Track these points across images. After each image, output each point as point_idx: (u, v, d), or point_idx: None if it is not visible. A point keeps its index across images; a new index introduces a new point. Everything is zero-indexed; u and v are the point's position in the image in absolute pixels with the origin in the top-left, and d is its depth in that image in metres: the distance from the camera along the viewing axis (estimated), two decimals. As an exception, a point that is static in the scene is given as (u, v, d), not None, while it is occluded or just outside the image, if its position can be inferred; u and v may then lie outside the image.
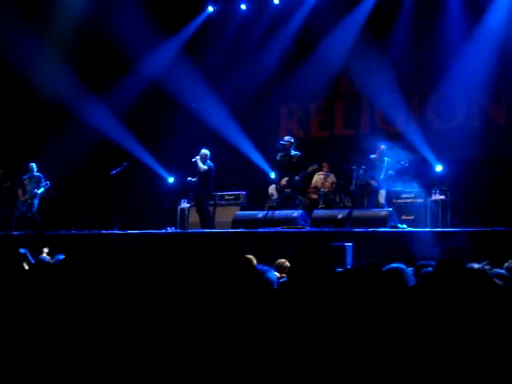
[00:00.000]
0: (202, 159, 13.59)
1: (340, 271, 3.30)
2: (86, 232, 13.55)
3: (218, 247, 1.23)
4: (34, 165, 14.90)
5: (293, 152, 13.13)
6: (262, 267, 5.19)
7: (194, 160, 13.53)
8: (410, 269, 4.50)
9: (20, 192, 14.67)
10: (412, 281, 4.17)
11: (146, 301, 1.17)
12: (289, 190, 13.02)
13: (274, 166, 13.71)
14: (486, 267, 4.29)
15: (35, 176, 14.74)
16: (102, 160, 16.16)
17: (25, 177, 14.82)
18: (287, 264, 7.34)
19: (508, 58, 13.64)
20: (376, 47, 15.38)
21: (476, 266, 4.15)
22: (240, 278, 1.20)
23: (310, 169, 13.66)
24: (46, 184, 14.67)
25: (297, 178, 13.08)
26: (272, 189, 13.54)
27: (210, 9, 16.86)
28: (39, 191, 14.51)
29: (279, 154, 13.33)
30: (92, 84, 16.55)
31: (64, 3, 16.12)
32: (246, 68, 16.32)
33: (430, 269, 4.42)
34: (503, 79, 14.15)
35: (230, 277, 1.19)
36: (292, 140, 13.30)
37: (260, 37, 16.38)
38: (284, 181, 13.08)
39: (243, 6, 16.51)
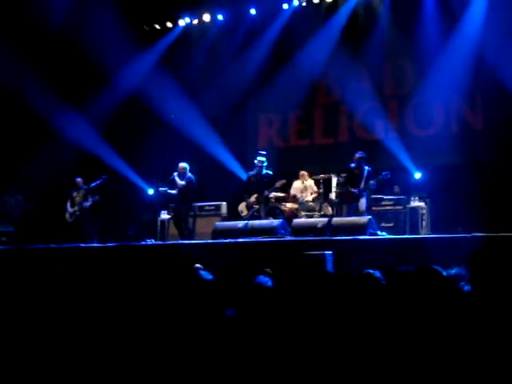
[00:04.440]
0: (181, 173, 13.43)
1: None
2: (64, 246, 13.41)
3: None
4: (80, 179, 14.82)
5: (264, 171, 13.25)
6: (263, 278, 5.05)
7: (171, 178, 13.41)
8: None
9: (69, 205, 14.66)
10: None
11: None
12: (257, 207, 13.16)
13: (246, 183, 13.69)
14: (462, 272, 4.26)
15: (83, 189, 14.70)
16: (81, 173, 16.05)
17: (73, 191, 14.78)
18: None
19: (483, 64, 13.74)
20: (353, 56, 15.46)
21: (453, 271, 4.12)
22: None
23: (278, 183, 13.70)
24: (95, 198, 14.61)
25: (266, 192, 13.21)
26: (242, 206, 13.64)
27: (187, 20, 16.84)
28: (88, 204, 14.50)
29: (252, 173, 13.41)
30: (70, 97, 16.47)
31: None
32: (224, 78, 16.32)
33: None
34: (479, 85, 14.26)
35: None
36: (265, 161, 13.34)
37: (238, 46, 16.38)
38: (253, 197, 13.25)
39: (220, 17, 16.51)
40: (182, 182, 13.30)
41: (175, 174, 13.35)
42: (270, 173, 13.35)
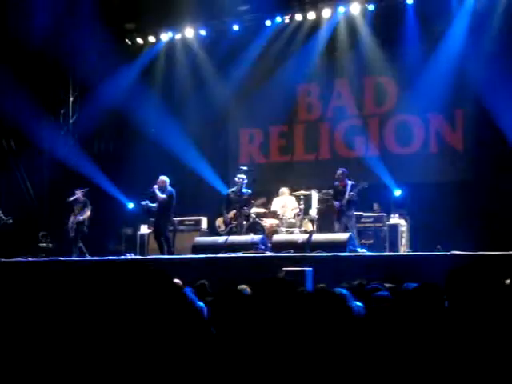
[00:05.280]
0: (161, 187, 13.34)
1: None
2: (43, 259, 13.31)
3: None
4: (78, 192, 14.63)
5: (244, 190, 13.28)
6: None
7: (151, 190, 13.31)
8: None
9: (71, 218, 14.41)
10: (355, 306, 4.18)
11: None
12: (235, 223, 13.16)
13: (226, 200, 13.69)
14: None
15: (81, 202, 14.51)
16: (61, 186, 15.97)
17: (75, 204, 14.53)
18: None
19: (464, 85, 13.87)
20: (335, 73, 15.57)
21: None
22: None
23: (258, 202, 13.74)
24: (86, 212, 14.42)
25: (245, 209, 13.23)
26: (219, 221, 13.66)
27: (170, 35, 16.87)
28: (82, 218, 14.28)
29: (232, 190, 13.43)
30: (51, 110, 16.42)
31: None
32: (205, 93, 16.33)
33: (384, 292, 4.41)
34: (460, 105, 14.40)
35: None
36: (245, 179, 13.36)
37: (220, 62, 16.40)
38: (232, 214, 13.26)
39: (203, 32, 16.55)
40: (163, 196, 13.21)
41: (155, 187, 13.25)
42: (250, 191, 13.37)
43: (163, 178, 13.40)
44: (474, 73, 13.54)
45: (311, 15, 15.50)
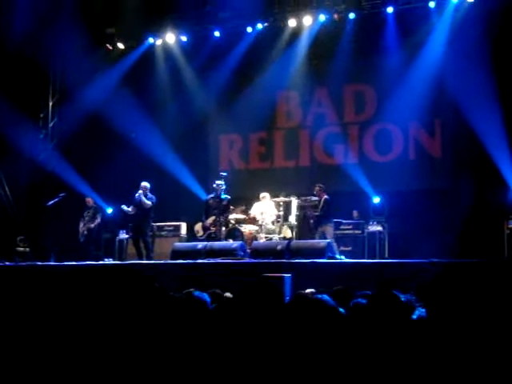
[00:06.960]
0: (144, 193, 13.37)
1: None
2: (20, 264, 13.22)
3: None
4: (89, 199, 14.66)
5: (223, 196, 13.34)
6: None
7: (137, 196, 13.28)
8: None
9: (81, 224, 14.49)
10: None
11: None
12: (214, 229, 13.23)
13: (205, 205, 13.73)
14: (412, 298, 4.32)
15: (92, 208, 14.54)
16: (39, 190, 15.88)
17: (85, 210, 14.63)
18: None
19: (443, 92, 14.00)
20: (315, 80, 15.64)
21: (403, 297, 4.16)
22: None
23: (237, 210, 13.82)
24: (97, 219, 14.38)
25: (222, 218, 13.28)
26: (198, 226, 13.72)
27: (151, 40, 16.84)
28: (93, 225, 14.32)
29: (211, 196, 13.50)
30: (30, 114, 16.30)
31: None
32: (186, 98, 16.33)
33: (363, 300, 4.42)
34: (438, 113, 14.53)
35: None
36: (224, 185, 13.41)
37: (201, 68, 16.40)
38: (211, 220, 13.31)
39: (184, 38, 16.54)
40: (149, 202, 13.27)
41: (140, 192, 13.28)
42: (228, 197, 13.42)
43: (145, 183, 13.46)
44: (453, 82, 13.65)
45: (292, 22, 15.53)
